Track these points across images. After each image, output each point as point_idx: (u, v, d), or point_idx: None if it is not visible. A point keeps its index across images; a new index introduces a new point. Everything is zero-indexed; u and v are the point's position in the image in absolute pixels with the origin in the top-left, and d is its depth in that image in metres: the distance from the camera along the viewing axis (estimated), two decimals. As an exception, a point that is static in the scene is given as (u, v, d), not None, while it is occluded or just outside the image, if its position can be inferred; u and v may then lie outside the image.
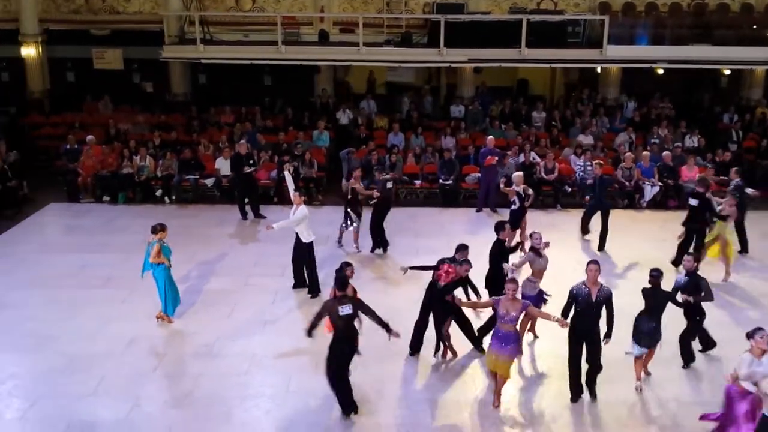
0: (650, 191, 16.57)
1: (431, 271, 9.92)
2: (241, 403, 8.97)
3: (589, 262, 8.86)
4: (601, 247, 13.93)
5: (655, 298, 9.05)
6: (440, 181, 16.90)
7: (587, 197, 14.66)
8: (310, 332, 8.76)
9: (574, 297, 8.76)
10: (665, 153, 17.06)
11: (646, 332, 9.02)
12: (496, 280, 10.04)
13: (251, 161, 15.94)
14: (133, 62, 22.09)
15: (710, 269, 12.06)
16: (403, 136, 18.89)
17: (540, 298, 10.05)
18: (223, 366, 9.80)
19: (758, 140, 19.11)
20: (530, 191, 13.63)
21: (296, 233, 11.76)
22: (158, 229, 10.61)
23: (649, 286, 9.08)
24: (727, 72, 21.23)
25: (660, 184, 16.63)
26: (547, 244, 10.17)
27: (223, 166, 16.84)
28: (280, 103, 20.98)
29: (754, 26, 19.47)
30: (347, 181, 16.67)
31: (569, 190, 16.85)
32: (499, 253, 10.47)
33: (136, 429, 8.50)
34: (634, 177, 16.62)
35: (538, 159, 17.17)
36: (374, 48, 18.66)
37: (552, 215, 16.07)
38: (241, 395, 9.11)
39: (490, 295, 9.79)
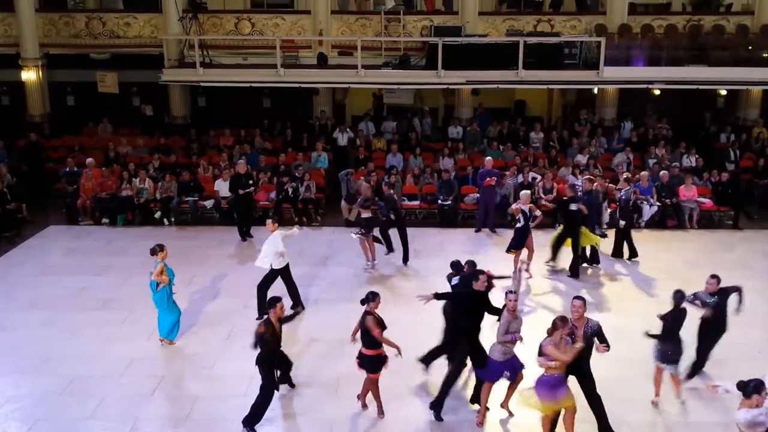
0: (649, 211, 16.61)
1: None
2: (239, 426, 8.91)
3: (574, 298, 8.59)
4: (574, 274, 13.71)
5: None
6: (439, 201, 16.95)
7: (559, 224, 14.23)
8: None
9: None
10: (663, 172, 17.13)
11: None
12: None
13: (250, 181, 16.01)
14: (132, 85, 22.24)
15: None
16: (402, 157, 18.97)
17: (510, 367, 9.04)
18: (221, 388, 9.77)
19: (755, 160, 19.21)
20: (538, 212, 13.48)
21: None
22: (157, 250, 10.63)
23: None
24: (724, 92, 21.36)
25: (658, 203, 16.68)
26: (520, 339, 8.88)
27: (223, 187, 16.89)
28: (279, 126, 21.08)
29: (750, 47, 19.61)
30: (346, 202, 16.81)
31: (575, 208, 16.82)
32: (475, 305, 9.20)
33: (134, 451, 8.47)
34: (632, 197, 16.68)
35: (537, 177, 17.23)
36: (372, 70, 18.79)
37: (550, 234, 16.03)
38: (240, 417, 9.03)
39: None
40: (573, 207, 13.42)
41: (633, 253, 14.54)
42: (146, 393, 9.63)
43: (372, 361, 8.94)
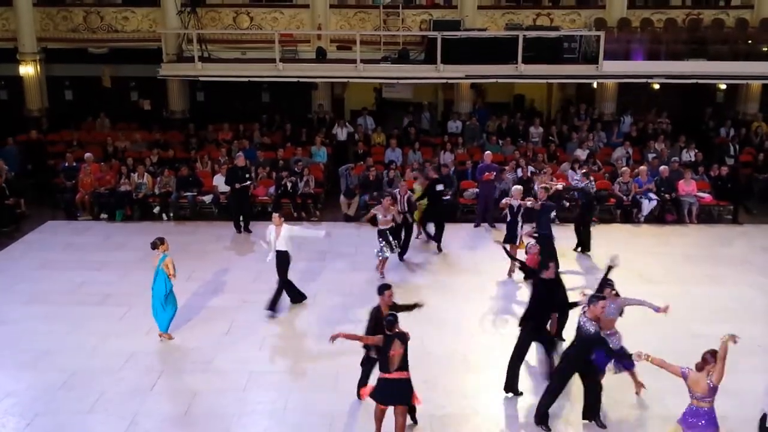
0: (648, 206, 16.60)
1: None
2: (239, 420, 8.92)
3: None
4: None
5: None
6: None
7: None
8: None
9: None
10: (662, 167, 17.12)
11: None
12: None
13: (247, 175, 16.01)
14: (131, 80, 22.19)
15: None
16: (401, 151, 18.94)
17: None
18: (220, 382, 9.75)
19: (755, 154, 19.20)
20: (529, 203, 13.13)
21: (283, 251, 11.70)
22: (158, 243, 10.62)
23: None
24: (723, 87, 21.33)
25: (657, 198, 16.67)
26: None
27: (221, 183, 16.87)
28: (278, 120, 21.04)
29: (749, 41, 19.58)
30: (345, 197, 16.79)
31: (567, 204, 16.86)
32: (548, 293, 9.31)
33: (133, 446, 8.46)
34: (631, 191, 16.70)
35: (535, 171, 17.22)
36: (371, 64, 18.75)
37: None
38: (239, 412, 9.06)
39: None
40: (439, 187, 14.55)
41: (586, 247, 14.52)
42: (146, 387, 9.61)
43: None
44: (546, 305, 9.33)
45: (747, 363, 8.59)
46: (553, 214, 14.23)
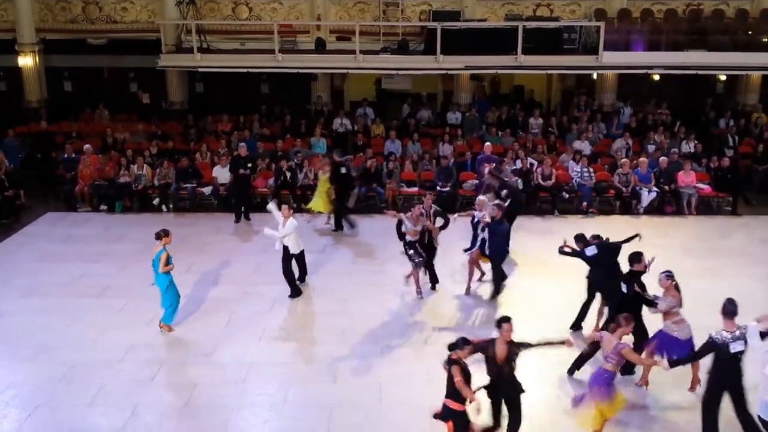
0: (647, 197, 16.60)
1: None
2: (239, 412, 8.95)
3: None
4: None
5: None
6: (437, 188, 16.89)
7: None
8: None
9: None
10: (662, 158, 17.11)
11: None
12: None
13: (248, 164, 16.08)
14: (130, 71, 22.14)
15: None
16: (401, 143, 18.91)
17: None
18: (221, 374, 9.78)
19: (754, 145, 19.18)
20: (479, 213, 12.11)
21: (285, 246, 11.77)
22: (162, 234, 10.61)
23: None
24: (723, 77, 21.28)
25: (657, 189, 16.67)
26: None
27: (221, 174, 16.87)
28: (277, 111, 21.00)
29: (749, 32, 19.53)
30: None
31: (566, 196, 16.88)
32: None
33: (134, 438, 8.49)
34: (631, 183, 16.69)
35: (535, 163, 17.20)
36: (371, 55, 18.70)
37: (549, 221, 16.09)
38: (239, 404, 9.09)
39: None
40: (343, 170, 15.17)
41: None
42: (145, 380, 9.63)
43: (455, 417, 7.60)
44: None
45: (746, 357, 8.57)
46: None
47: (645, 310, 9.43)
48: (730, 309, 7.99)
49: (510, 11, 20.04)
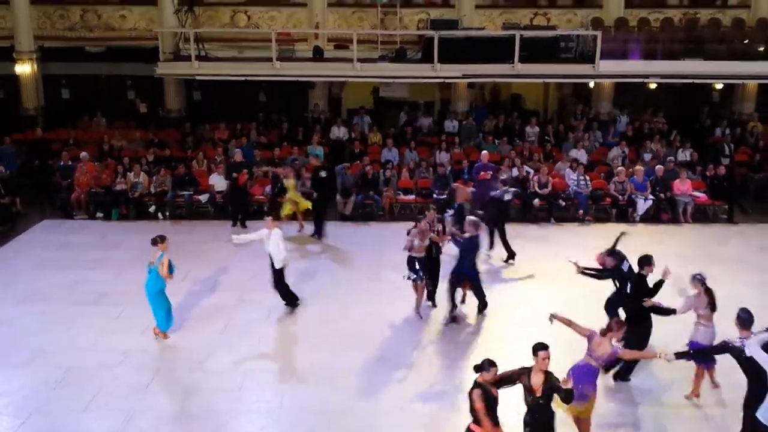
0: (643, 205, 16.63)
1: None
2: (235, 419, 8.93)
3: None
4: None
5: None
6: (434, 195, 16.91)
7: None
8: None
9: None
10: (658, 167, 17.14)
11: None
12: None
13: (244, 170, 16.16)
14: (127, 79, 22.15)
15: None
16: (397, 151, 18.93)
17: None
18: (216, 381, 9.76)
19: (750, 154, 19.23)
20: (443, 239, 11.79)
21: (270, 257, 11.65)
22: (158, 240, 10.61)
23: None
24: (719, 86, 21.36)
25: (653, 197, 16.70)
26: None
27: (218, 182, 16.88)
28: (275, 119, 21.02)
29: (746, 41, 19.60)
30: (341, 196, 16.77)
31: (563, 204, 16.90)
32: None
33: (128, 445, 8.46)
34: (627, 191, 16.72)
35: (531, 171, 17.22)
36: (369, 63, 18.73)
37: (545, 229, 16.11)
38: (235, 410, 9.07)
39: None
40: (323, 174, 15.42)
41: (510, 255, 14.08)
42: (141, 386, 9.61)
43: None
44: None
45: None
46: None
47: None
48: (745, 318, 7.94)
49: (507, 20, 20.10)
